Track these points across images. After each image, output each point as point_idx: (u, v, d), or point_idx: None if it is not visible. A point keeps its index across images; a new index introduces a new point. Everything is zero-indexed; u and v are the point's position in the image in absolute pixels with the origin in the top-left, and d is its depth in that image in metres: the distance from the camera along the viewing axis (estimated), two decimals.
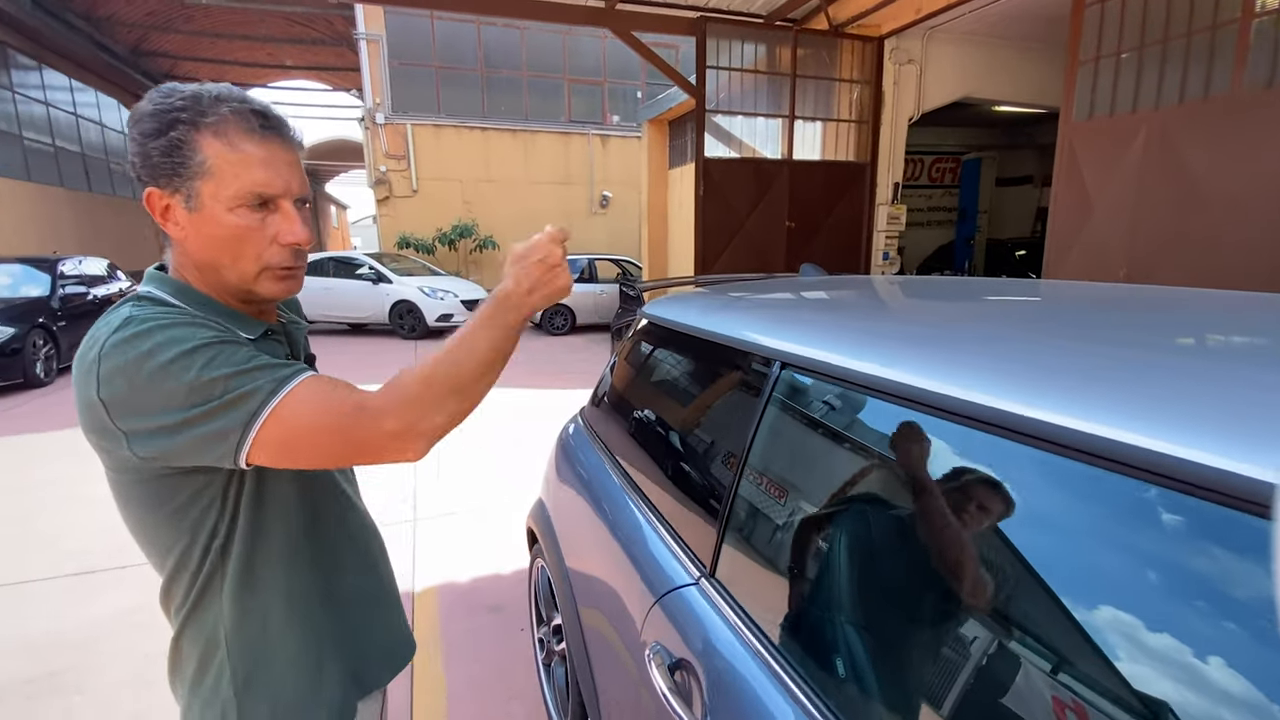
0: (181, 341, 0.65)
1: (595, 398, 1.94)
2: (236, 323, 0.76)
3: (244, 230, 0.72)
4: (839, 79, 5.81)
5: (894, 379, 0.78)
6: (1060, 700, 0.55)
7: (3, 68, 11.70)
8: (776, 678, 0.83)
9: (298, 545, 0.82)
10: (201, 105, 0.69)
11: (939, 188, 11.69)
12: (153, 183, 0.70)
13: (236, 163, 0.70)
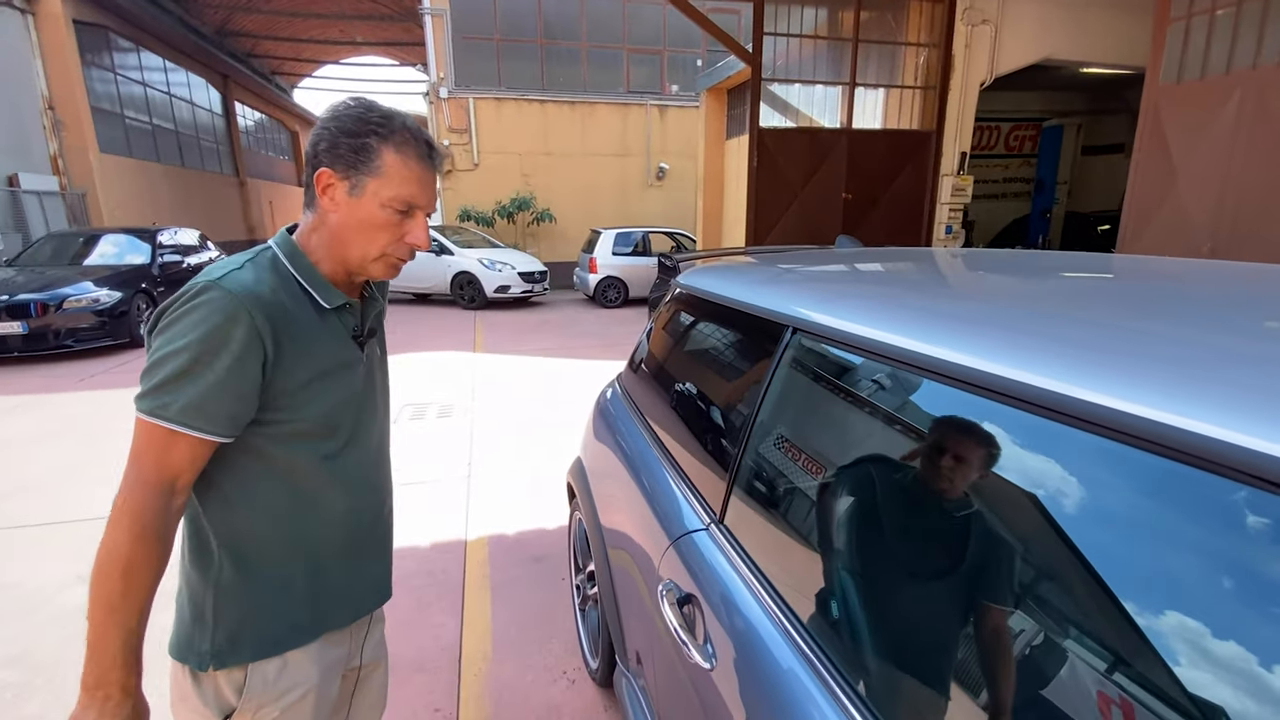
0: (199, 317, 0.81)
1: (632, 363, 2.03)
2: (321, 290, 0.92)
3: (386, 224, 0.90)
4: (905, 43, 5.56)
5: (891, 343, 0.83)
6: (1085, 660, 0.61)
7: (106, 50, 12.62)
8: (770, 613, 0.91)
9: (311, 477, 0.94)
10: (394, 125, 0.88)
11: (1016, 157, 11.02)
12: (330, 165, 0.88)
13: (405, 176, 0.89)
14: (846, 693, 0.74)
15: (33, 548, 2.87)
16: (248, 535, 0.92)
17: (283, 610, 0.95)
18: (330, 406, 0.95)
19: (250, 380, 0.84)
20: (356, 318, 0.99)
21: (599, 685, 1.95)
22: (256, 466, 0.91)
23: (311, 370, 0.91)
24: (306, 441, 0.93)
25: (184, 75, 15.97)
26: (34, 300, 6.50)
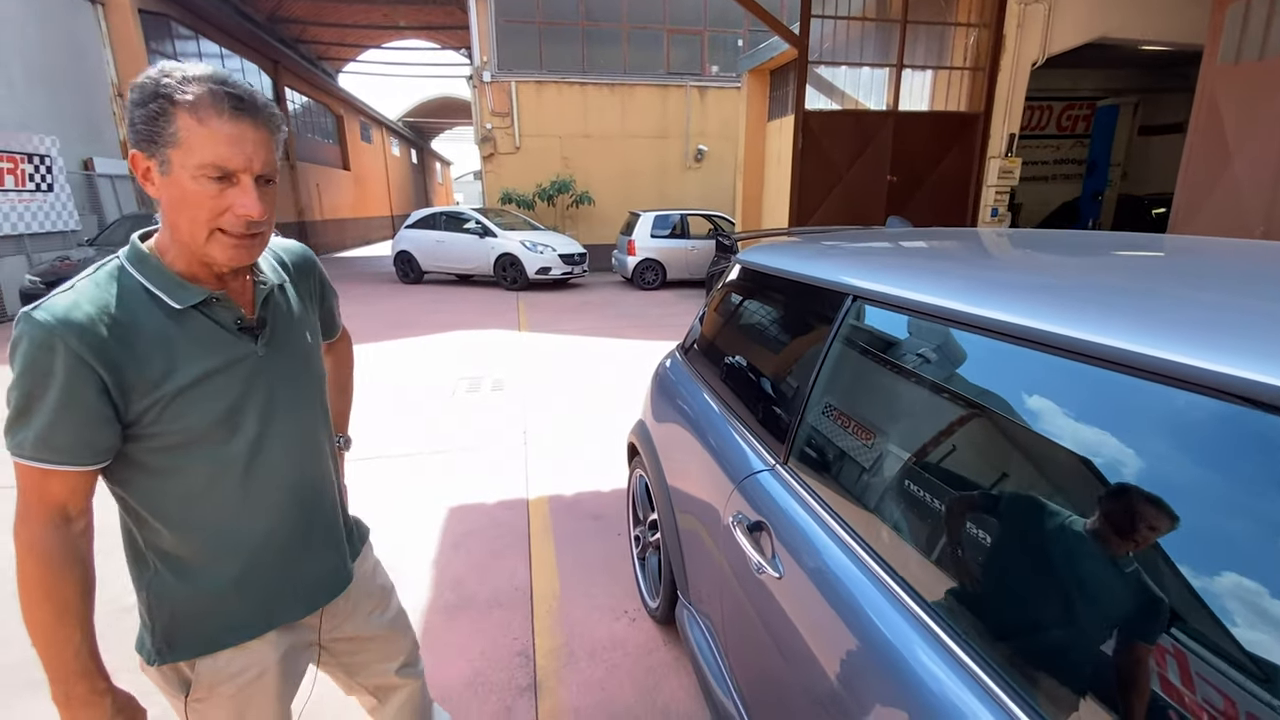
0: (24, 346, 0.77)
1: (691, 333, 2.21)
2: (171, 290, 0.85)
3: (201, 197, 0.79)
4: (954, 23, 5.51)
5: (939, 304, 0.99)
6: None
7: (168, 38, 13.18)
8: (832, 532, 1.09)
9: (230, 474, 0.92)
10: (182, 84, 0.77)
11: (1068, 138, 10.71)
12: (135, 146, 0.80)
13: (206, 137, 0.78)
14: (899, 592, 0.92)
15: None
16: (171, 543, 0.91)
17: (219, 611, 0.95)
18: (217, 410, 0.89)
19: (89, 407, 0.79)
20: (234, 309, 0.91)
21: (658, 623, 2.16)
22: (156, 481, 0.88)
23: (176, 379, 0.84)
24: (202, 449, 0.88)
25: (238, 62, 16.52)
26: None
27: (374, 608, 1.20)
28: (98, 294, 0.81)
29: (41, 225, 8.74)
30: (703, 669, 1.58)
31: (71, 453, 0.80)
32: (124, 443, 0.85)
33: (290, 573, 1.02)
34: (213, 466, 0.90)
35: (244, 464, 0.92)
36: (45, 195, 8.82)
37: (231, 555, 0.95)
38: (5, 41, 8.72)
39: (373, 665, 1.23)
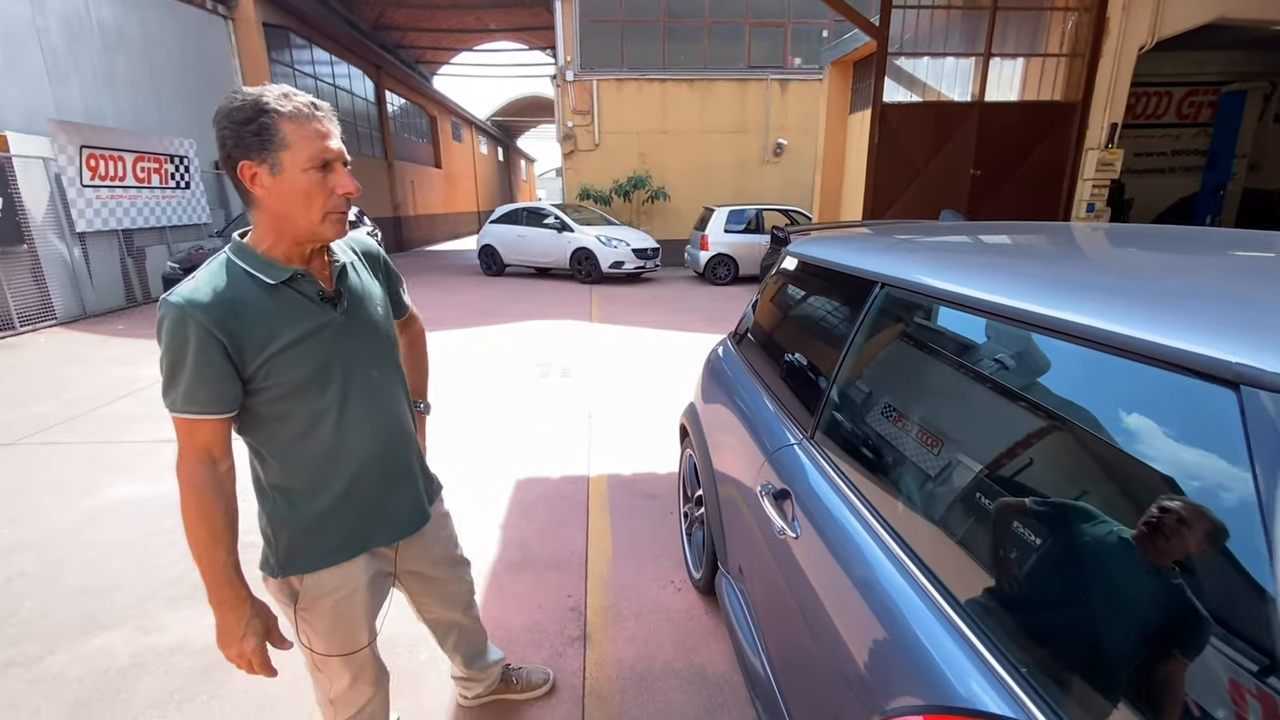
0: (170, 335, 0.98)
1: (744, 319, 2.31)
2: (265, 270, 1.03)
3: (311, 185, 0.99)
4: (1051, 8, 5.22)
5: (959, 291, 1.06)
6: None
7: (286, 48, 14.45)
8: (845, 498, 1.18)
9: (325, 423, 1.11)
10: (277, 100, 0.97)
11: (1190, 126, 9.76)
12: (245, 157, 0.97)
13: (306, 135, 0.98)
14: (897, 550, 1.01)
15: None
16: (283, 478, 1.13)
17: (322, 535, 1.16)
18: (311, 367, 1.07)
19: (217, 367, 0.99)
20: (316, 283, 1.09)
21: (701, 592, 2.29)
22: (270, 427, 1.09)
23: (277, 342, 1.03)
24: (302, 399, 1.08)
25: (345, 68, 17.84)
26: None
27: (441, 553, 1.42)
28: (213, 279, 1.02)
29: (180, 218, 9.87)
30: (736, 632, 1.70)
31: (209, 404, 1.01)
32: (245, 396, 1.06)
33: (378, 505, 1.22)
34: (311, 414, 1.10)
35: (336, 412, 1.12)
36: (183, 192, 9.96)
37: (330, 488, 1.15)
38: (156, 57, 9.90)
39: (434, 603, 1.48)
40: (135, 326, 7.52)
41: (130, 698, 1.90)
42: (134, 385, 5.06)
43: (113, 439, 3.93)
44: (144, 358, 5.96)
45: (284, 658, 1.20)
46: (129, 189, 8.75)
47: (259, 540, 1.19)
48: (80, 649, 2.11)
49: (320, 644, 1.23)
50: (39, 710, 1.86)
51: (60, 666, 2.03)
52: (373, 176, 18.77)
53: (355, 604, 1.23)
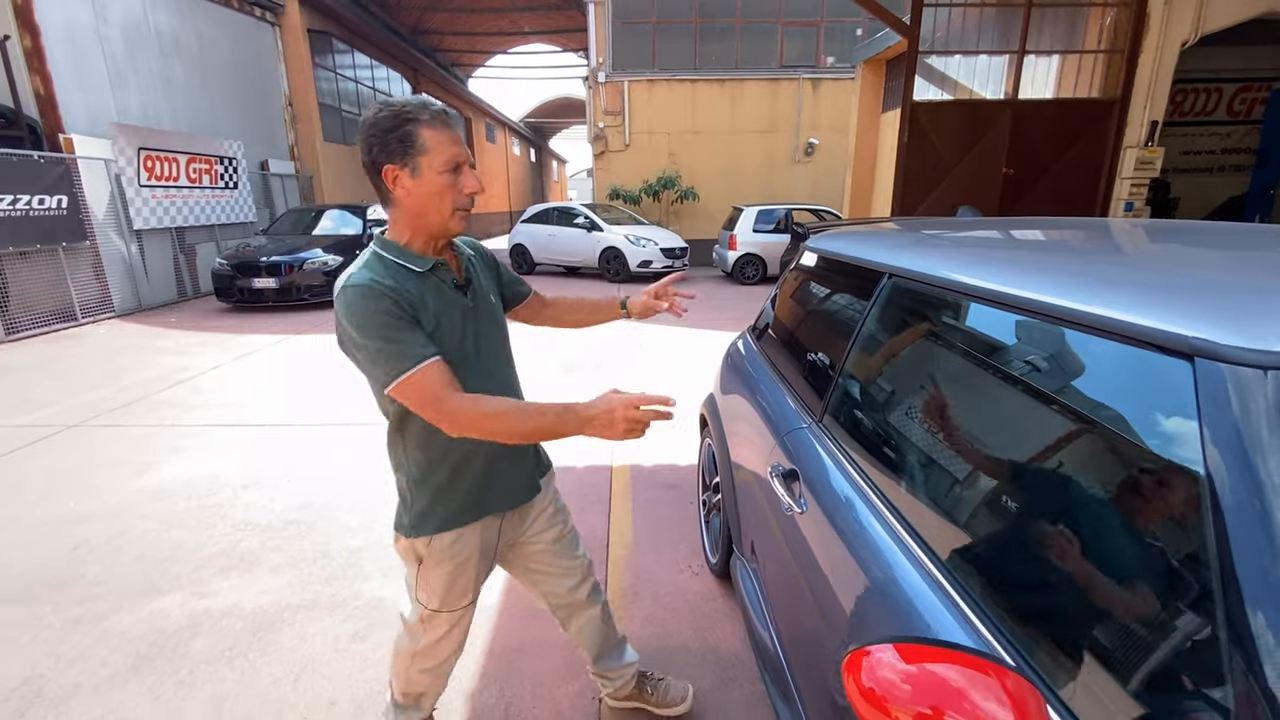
0: (370, 314, 1.06)
1: (763, 313, 2.38)
2: (412, 261, 1.15)
3: (447, 185, 1.12)
4: (1089, 3, 5.13)
5: (956, 279, 1.12)
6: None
7: (329, 53, 14.93)
8: (849, 476, 1.25)
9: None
10: (416, 109, 1.10)
11: (1241, 124, 9.41)
12: (389, 161, 1.10)
13: (443, 142, 1.11)
14: (891, 519, 1.07)
15: (306, 439, 3.88)
16: (422, 448, 1.26)
17: (448, 500, 1.29)
18: (454, 342, 1.20)
19: (411, 321, 1.10)
20: (451, 273, 1.24)
21: (716, 576, 2.37)
22: None
23: (430, 318, 1.15)
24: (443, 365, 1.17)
25: (384, 71, 18.33)
26: (284, 262, 8.18)
27: (549, 524, 1.51)
28: (375, 265, 1.14)
29: (229, 217, 10.32)
30: (748, 610, 1.77)
31: (424, 349, 1.10)
32: None
33: (496, 475, 1.34)
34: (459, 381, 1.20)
35: (477, 381, 1.21)
36: (232, 192, 10.40)
37: (459, 457, 1.28)
38: (208, 63, 10.37)
39: (550, 578, 1.55)
40: (187, 319, 7.92)
41: (186, 654, 2.07)
42: (186, 373, 5.35)
43: (167, 423, 4.18)
44: (195, 348, 6.29)
45: (327, 624, 1.32)
46: (182, 189, 9.19)
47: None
48: (140, 610, 2.29)
49: (435, 601, 1.38)
50: (106, 661, 2.04)
51: (124, 625, 2.21)
52: None
53: (469, 568, 1.37)
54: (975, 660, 0.64)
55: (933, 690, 0.67)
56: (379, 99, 1.12)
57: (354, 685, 1.93)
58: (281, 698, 1.89)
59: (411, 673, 1.50)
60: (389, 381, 1.09)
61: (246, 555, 2.63)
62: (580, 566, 1.60)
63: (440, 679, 1.55)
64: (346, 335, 1.11)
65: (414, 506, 1.31)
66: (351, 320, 1.08)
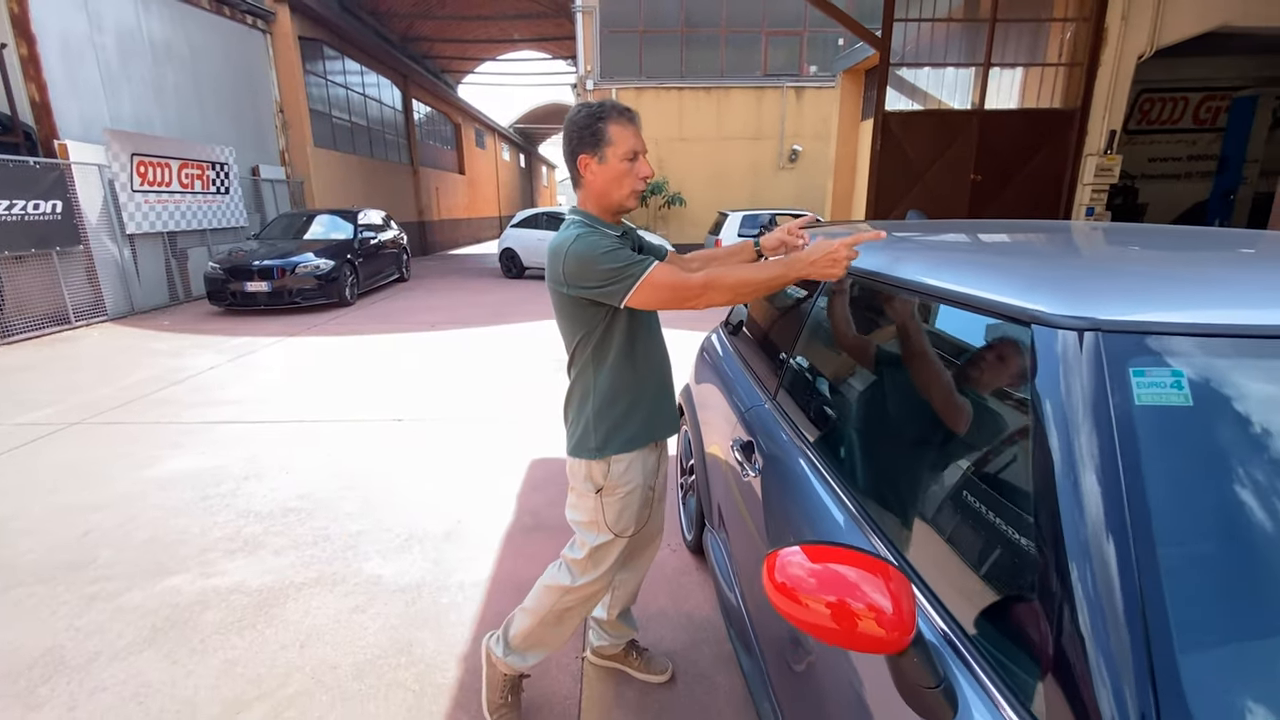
0: (600, 247, 1.33)
1: (733, 310, 2.58)
2: (610, 228, 1.44)
3: (627, 171, 1.39)
4: (1050, 19, 5.41)
5: (879, 271, 1.32)
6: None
7: (319, 59, 15.06)
8: (795, 445, 1.45)
9: (634, 349, 1.50)
10: (605, 110, 1.37)
11: (1206, 131, 9.77)
12: (583, 151, 1.38)
13: (624, 135, 1.37)
14: (840, 492, 1.27)
15: (304, 435, 4.04)
16: (610, 383, 1.50)
17: (626, 426, 1.53)
18: None
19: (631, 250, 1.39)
20: (632, 239, 1.54)
21: (691, 552, 2.55)
22: (613, 344, 1.47)
23: None
24: (630, 317, 1.46)
25: (375, 77, 18.46)
26: (276, 265, 8.31)
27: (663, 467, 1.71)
28: (585, 227, 1.40)
29: (220, 221, 10.42)
30: (716, 574, 1.96)
31: (649, 260, 1.36)
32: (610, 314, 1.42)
33: (659, 408, 1.60)
34: (632, 332, 1.48)
35: (645, 332, 1.52)
36: (223, 197, 10.50)
37: (636, 391, 1.53)
38: (200, 69, 10.48)
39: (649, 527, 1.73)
40: (180, 322, 8.02)
41: (198, 625, 2.22)
42: (183, 374, 5.48)
43: (168, 420, 4.32)
44: (189, 350, 6.40)
45: (329, 599, 1.48)
46: (174, 194, 9.29)
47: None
48: (152, 588, 2.44)
49: (615, 524, 1.57)
50: (123, 634, 2.19)
51: (137, 601, 2.37)
52: (398, 182, 19.34)
53: (636, 496, 1.59)
54: (867, 559, 0.83)
55: (832, 582, 0.86)
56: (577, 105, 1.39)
57: (355, 651, 2.10)
58: (289, 661, 2.05)
59: (551, 613, 1.67)
60: (630, 287, 1.32)
61: (251, 539, 2.79)
62: (664, 515, 1.80)
63: (566, 631, 1.72)
64: (576, 277, 1.35)
65: (600, 432, 1.52)
66: (583, 260, 1.33)
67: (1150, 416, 0.74)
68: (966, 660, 0.82)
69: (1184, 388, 0.74)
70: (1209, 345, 0.77)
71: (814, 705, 1.12)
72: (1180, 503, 0.71)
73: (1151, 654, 0.64)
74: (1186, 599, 0.66)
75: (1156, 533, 0.69)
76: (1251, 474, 0.73)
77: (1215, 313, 0.80)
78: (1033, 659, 0.73)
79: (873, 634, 0.77)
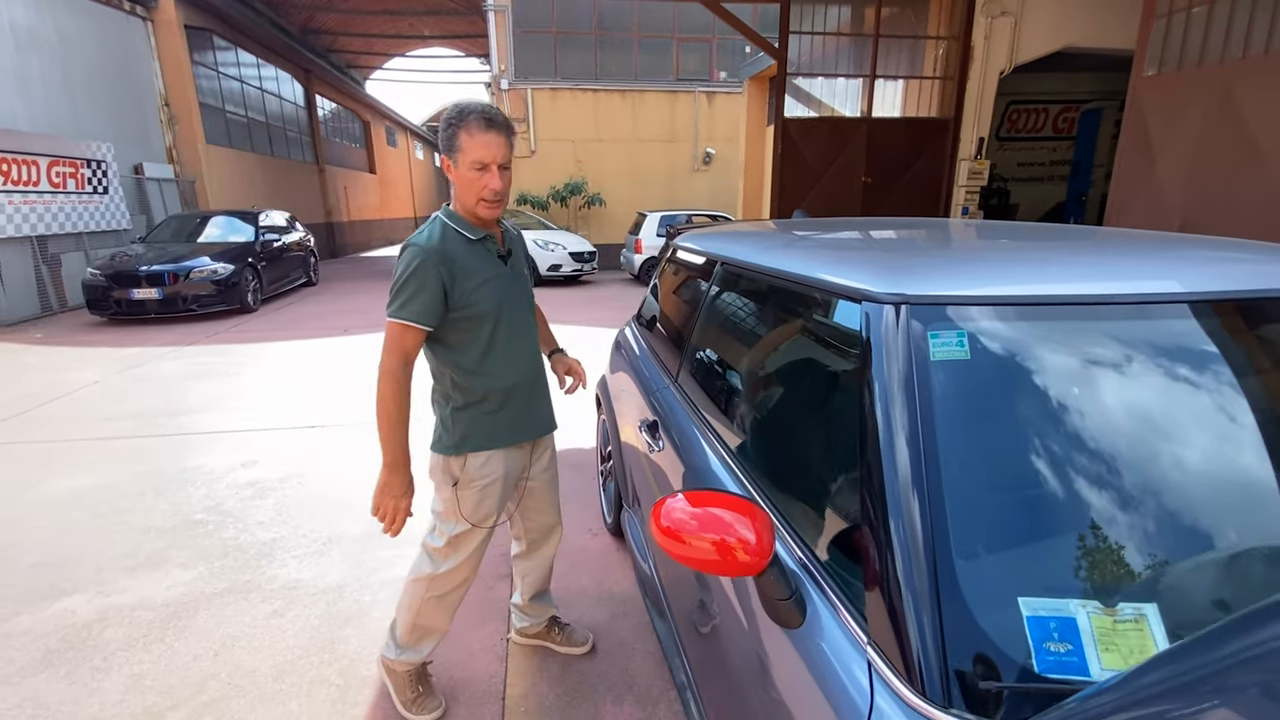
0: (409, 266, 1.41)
1: (644, 303, 2.74)
2: (466, 230, 1.49)
3: (474, 179, 1.43)
4: (925, 36, 5.95)
5: (748, 261, 1.50)
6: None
7: (209, 50, 14.07)
8: (694, 421, 1.61)
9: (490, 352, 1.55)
10: (463, 115, 1.41)
11: (1063, 139, 10.96)
12: (444, 153, 1.46)
13: (471, 146, 1.41)
14: (726, 454, 1.44)
15: (208, 446, 3.85)
16: (466, 384, 1.56)
17: (486, 427, 1.59)
18: (492, 302, 1.50)
19: (437, 293, 1.43)
20: (496, 245, 1.56)
21: (612, 534, 2.70)
22: (463, 346, 1.52)
23: (474, 280, 1.47)
24: (483, 322, 1.52)
25: (273, 71, 17.42)
26: (168, 270, 7.74)
27: (548, 464, 1.87)
28: (436, 233, 1.46)
29: (98, 224, 9.56)
30: (632, 548, 2.11)
31: (421, 318, 1.44)
32: (449, 319, 1.48)
33: (525, 409, 1.67)
34: (491, 337, 1.54)
35: (505, 337, 1.56)
36: (101, 197, 9.64)
37: (496, 392, 1.59)
38: (67, 58, 9.57)
39: (537, 513, 1.88)
40: (55, 334, 7.32)
41: (99, 644, 2.13)
42: (64, 389, 5.05)
43: (49, 438, 3.99)
44: (70, 364, 5.89)
45: (244, 607, 1.51)
46: (43, 194, 8.46)
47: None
48: (44, 611, 2.31)
49: (471, 513, 1.63)
50: (13, 660, 2.07)
51: (26, 625, 2.23)
52: (303, 182, 18.36)
53: (496, 489, 1.65)
54: (738, 501, 0.99)
55: (710, 522, 1.02)
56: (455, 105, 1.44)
57: (275, 654, 2.09)
58: (202, 670, 2.02)
59: (424, 602, 1.71)
60: (389, 313, 1.44)
61: (153, 555, 2.67)
62: (558, 508, 1.94)
63: (446, 614, 1.75)
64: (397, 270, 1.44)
65: (456, 431, 1.59)
66: (398, 265, 1.45)
67: (940, 369, 0.94)
68: (816, 579, 1.00)
69: (964, 346, 0.95)
70: (983, 313, 0.98)
71: (716, 657, 1.28)
72: (961, 438, 0.91)
73: (937, 561, 0.82)
74: (963, 516, 0.85)
75: (943, 464, 0.88)
76: (1015, 411, 0.94)
77: (989, 288, 1.01)
78: (861, 574, 0.91)
79: (741, 560, 0.92)
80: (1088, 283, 1.02)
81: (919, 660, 0.76)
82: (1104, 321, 0.98)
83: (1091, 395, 0.93)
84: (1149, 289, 1.00)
